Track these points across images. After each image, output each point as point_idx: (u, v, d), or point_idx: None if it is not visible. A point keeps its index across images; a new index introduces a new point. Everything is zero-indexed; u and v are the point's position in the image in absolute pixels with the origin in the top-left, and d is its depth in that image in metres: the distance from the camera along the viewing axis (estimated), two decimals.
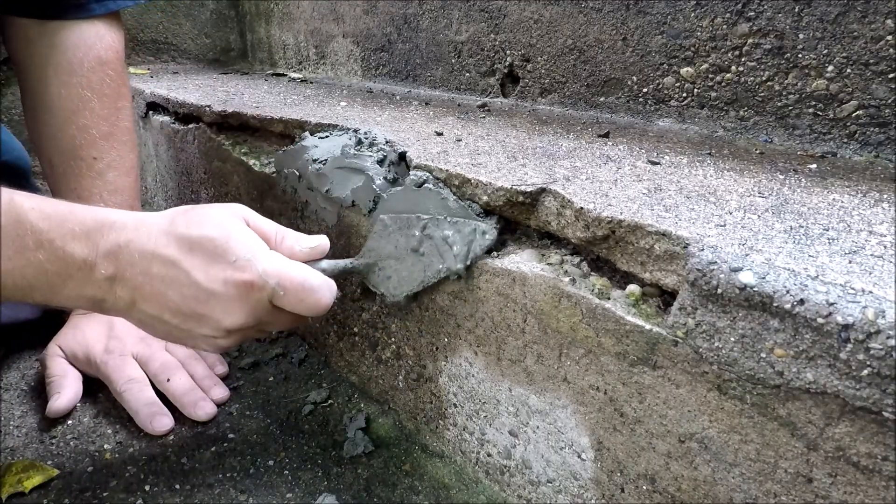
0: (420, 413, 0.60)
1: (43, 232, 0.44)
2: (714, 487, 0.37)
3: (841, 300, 0.30)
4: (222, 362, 0.71)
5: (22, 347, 0.74)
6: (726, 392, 0.35)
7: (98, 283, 0.46)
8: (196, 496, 0.54)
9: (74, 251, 0.45)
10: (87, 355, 0.64)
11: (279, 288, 0.47)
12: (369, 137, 0.61)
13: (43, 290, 0.46)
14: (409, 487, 0.55)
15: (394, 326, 0.60)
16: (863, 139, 0.58)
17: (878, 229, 0.39)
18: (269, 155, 0.76)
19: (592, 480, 0.45)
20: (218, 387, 0.66)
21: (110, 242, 0.46)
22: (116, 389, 0.63)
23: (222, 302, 0.46)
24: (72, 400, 0.63)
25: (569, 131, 0.69)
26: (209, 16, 1.56)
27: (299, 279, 0.47)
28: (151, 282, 0.46)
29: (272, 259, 0.48)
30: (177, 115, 0.97)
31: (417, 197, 0.52)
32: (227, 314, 0.47)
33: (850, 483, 0.31)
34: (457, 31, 0.95)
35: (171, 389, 0.63)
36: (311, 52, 1.34)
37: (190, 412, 0.62)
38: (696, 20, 0.66)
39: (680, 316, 0.36)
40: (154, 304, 0.47)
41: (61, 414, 0.62)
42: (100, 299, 0.47)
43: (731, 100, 0.66)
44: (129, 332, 0.66)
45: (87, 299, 0.47)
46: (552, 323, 0.44)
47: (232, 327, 0.48)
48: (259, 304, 0.47)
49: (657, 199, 0.44)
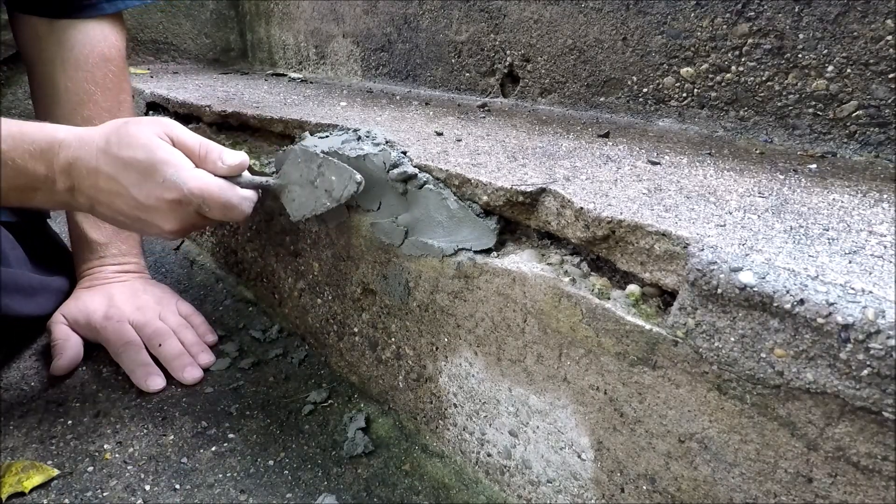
0: (420, 413, 0.60)
1: (5, 152, 0.52)
2: (714, 487, 0.37)
3: (841, 300, 0.30)
4: (212, 332, 0.77)
5: (22, 347, 0.74)
6: (726, 392, 0.35)
7: (60, 192, 0.55)
8: (196, 496, 0.54)
9: (36, 169, 0.54)
10: (87, 321, 0.71)
11: (204, 205, 0.55)
12: (369, 137, 0.61)
13: (18, 198, 0.55)
14: (409, 487, 0.55)
15: (394, 326, 0.60)
16: (863, 139, 0.58)
17: (878, 229, 0.39)
18: (269, 155, 0.76)
19: (592, 480, 0.45)
20: (205, 353, 0.73)
21: (62, 160, 0.54)
22: (114, 351, 0.69)
23: (159, 213, 0.55)
24: (72, 360, 0.69)
25: (569, 131, 0.69)
26: (209, 16, 1.56)
27: (222, 198, 0.55)
28: (101, 192, 0.55)
29: (196, 178, 0.54)
30: (177, 114, 0.97)
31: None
32: (165, 222, 0.56)
33: (850, 483, 0.31)
34: (457, 31, 0.95)
35: (162, 353, 0.69)
36: (311, 52, 1.34)
37: (179, 375, 0.69)
38: (696, 20, 0.66)
39: (680, 316, 0.36)
40: (107, 208, 0.56)
41: (63, 373, 0.68)
42: (66, 203, 0.57)
43: (731, 100, 0.66)
44: (126, 301, 0.73)
45: (56, 203, 0.57)
46: (552, 323, 0.44)
47: (171, 230, 0.57)
48: (189, 214, 0.56)
49: (657, 199, 0.44)
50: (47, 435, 0.60)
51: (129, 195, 0.54)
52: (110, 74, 0.77)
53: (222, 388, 0.68)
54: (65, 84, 0.75)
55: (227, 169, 0.57)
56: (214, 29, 1.58)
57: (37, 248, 0.77)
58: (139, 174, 0.54)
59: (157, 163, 0.54)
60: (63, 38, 0.75)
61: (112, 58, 0.78)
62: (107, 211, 0.57)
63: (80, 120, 0.75)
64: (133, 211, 0.55)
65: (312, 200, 0.59)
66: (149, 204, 0.54)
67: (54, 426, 0.61)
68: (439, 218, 0.52)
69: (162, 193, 0.54)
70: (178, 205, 0.55)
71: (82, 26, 0.76)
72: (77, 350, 0.70)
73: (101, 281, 0.75)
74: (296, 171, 0.61)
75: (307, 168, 0.60)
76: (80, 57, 0.75)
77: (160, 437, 0.60)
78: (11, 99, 1.33)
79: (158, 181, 0.54)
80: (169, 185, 0.54)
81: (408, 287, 0.57)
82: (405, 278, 0.57)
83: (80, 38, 0.76)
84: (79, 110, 0.75)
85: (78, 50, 0.75)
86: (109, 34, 0.78)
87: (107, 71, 0.77)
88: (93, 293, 0.73)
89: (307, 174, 0.60)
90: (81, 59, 0.75)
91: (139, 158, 0.53)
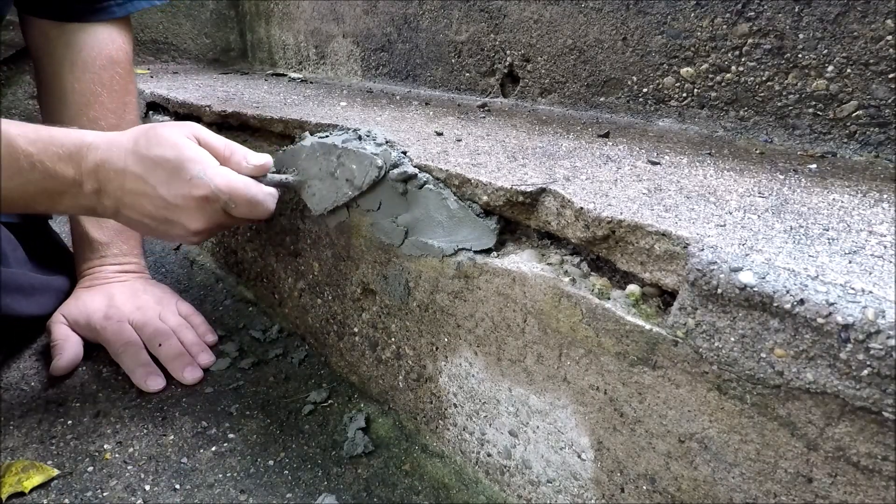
0: (420, 413, 0.60)
1: (33, 155, 0.52)
2: (714, 487, 0.37)
3: (841, 300, 0.30)
4: (212, 332, 0.76)
5: (22, 347, 0.74)
6: (726, 392, 0.35)
7: (87, 195, 0.55)
8: (196, 496, 0.54)
9: (65, 172, 0.54)
10: (87, 321, 0.71)
11: (231, 202, 0.56)
12: (370, 137, 0.61)
13: (44, 203, 0.56)
14: (409, 487, 0.55)
15: (394, 326, 0.60)
16: (863, 139, 0.58)
17: (878, 229, 0.39)
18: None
19: (592, 480, 0.45)
20: (205, 353, 0.72)
21: (90, 162, 0.54)
22: (114, 351, 0.69)
23: (186, 212, 0.55)
24: (72, 361, 0.69)
25: (569, 131, 0.69)
26: (209, 16, 1.56)
27: (248, 194, 0.56)
28: (128, 194, 0.55)
29: (222, 175, 0.55)
30: (177, 114, 0.97)
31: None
32: (192, 221, 0.56)
33: (850, 483, 0.31)
34: (457, 31, 0.95)
35: (162, 354, 0.69)
36: (311, 52, 1.34)
37: (179, 375, 0.68)
38: (696, 20, 0.66)
39: (680, 316, 0.36)
40: (133, 210, 0.56)
41: (62, 373, 0.68)
42: (91, 207, 0.57)
43: (731, 100, 0.66)
44: (126, 301, 0.72)
45: (81, 208, 0.57)
46: (552, 323, 0.44)
47: (197, 230, 0.57)
48: (216, 212, 0.56)
49: (657, 199, 0.44)
50: (47, 435, 0.60)
51: (156, 195, 0.55)
52: (117, 76, 0.78)
53: (222, 388, 0.68)
54: (72, 85, 0.75)
55: (253, 168, 0.58)
56: (214, 29, 1.58)
57: (38, 248, 0.77)
58: (167, 172, 0.54)
59: (186, 160, 0.54)
60: (71, 40, 0.76)
61: (119, 60, 0.79)
62: (133, 214, 0.57)
63: (86, 120, 0.75)
64: (160, 211, 0.55)
65: (334, 192, 0.60)
66: (176, 203, 0.55)
67: (54, 426, 0.61)
68: (439, 218, 0.52)
69: (190, 191, 0.54)
70: (205, 202, 0.55)
71: (91, 29, 0.77)
72: (76, 350, 0.70)
73: (102, 281, 0.75)
74: (314, 166, 0.61)
75: (326, 161, 0.59)
76: (87, 59, 0.76)
77: (160, 437, 0.60)
78: (11, 99, 1.33)
79: (186, 178, 0.54)
80: (196, 183, 0.54)
81: (408, 287, 0.57)
82: (405, 278, 0.57)
83: (88, 41, 0.76)
84: (85, 111, 0.75)
85: (86, 52, 0.76)
86: (117, 37, 0.79)
87: (113, 73, 0.78)
88: (93, 293, 0.73)
89: (326, 166, 0.60)
90: (89, 61, 0.76)
91: (168, 157, 0.54)
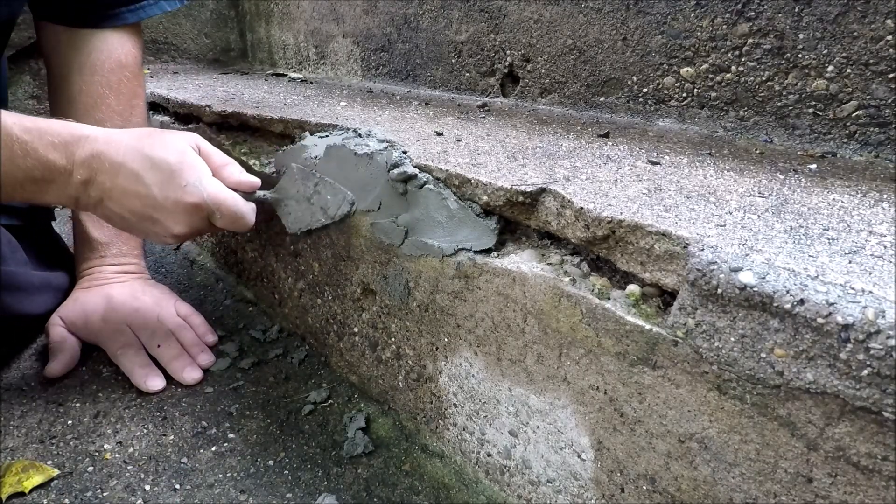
0: (420, 413, 0.60)
1: (28, 143, 0.53)
2: (714, 487, 0.37)
3: (841, 300, 0.30)
4: (212, 332, 0.77)
5: (22, 347, 0.74)
6: (726, 392, 0.35)
7: (75, 185, 0.56)
8: (196, 496, 0.54)
9: (56, 160, 0.55)
10: (85, 324, 0.71)
11: (217, 212, 0.58)
12: (370, 137, 0.61)
13: (31, 190, 0.56)
14: (409, 487, 0.55)
15: (394, 326, 0.60)
16: (863, 139, 0.58)
17: (878, 229, 0.39)
18: (269, 155, 0.76)
19: (592, 480, 0.45)
20: (205, 353, 0.73)
21: (85, 152, 0.55)
22: (113, 353, 0.70)
23: (172, 215, 0.57)
24: (67, 364, 0.69)
25: (569, 131, 0.69)
26: (209, 16, 1.56)
27: (234, 207, 0.59)
28: (117, 188, 0.56)
29: (214, 186, 0.58)
30: (177, 114, 0.97)
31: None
32: (175, 224, 0.58)
33: (850, 483, 0.31)
34: (457, 31, 0.95)
35: (161, 355, 0.70)
36: (311, 52, 1.34)
37: (178, 376, 0.69)
38: (696, 20, 0.66)
39: (680, 316, 0.36)
40: (118, 205, 0.57)
41: (57, 375, 0.68)
42: (76, 197, 0.57)
43: (731, 100, 0.66)
44: (124, 303, 0.72)
45: (67, 197, 0.57)
46: (552, 323, 0.44)
47: (178, 233, 0.59)
48: (200, 220, 0.59)
49: (657, 199, 0.44)
50: (47, 435, 0.60)
51: (148, 194, 0.56)
52: (125, 80, 0.79)
53: (222, 388, 0.68)
54: (80, 87, 0.76)
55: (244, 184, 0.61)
56: (214, 29, 1.58)
57: (40, 249, 0.77)
58: (165, 175, 0.56)
59: (186, 166, 0.57)
60: (81, 44, 0.77)
61: (127, 64, 0.80)
62: (116, 208, 0.57)
63: (93, 122, 0.75)
64: (146, 210, 0.57)
65: (308, 216, 0.63)
66: (166, 205, 0.56)
67: (54, 426, 0.61)
68: (439, 218, 0.52)
69: (182, 196, 0.56)
70: (194, 209, 0.57)
71: (102, 34, 0.78)
72: (73, 353, 0.70)
73: (101, 281, 0.75)
74: (293, 187, 0.63)
75: (304, 185, 0.62)
76: (96, 62, 0.77)
77: (160, 437, 0.61)
78: (11, 99, 1.33)
79: (181, 184, 0.56)
80: (190, 190, 0.56)
81: (408, 287, 0.57)
82: (405, 278, 0.57)
83: (97, 45, 0.78)
84: (91, 112, 0.76)
85: (95, 56, 0.77)
86: (127, 41, 0.80)
87: (122, 76, 0.78)
88: (91, 294, 0.73)
89: (304, 191, 0.62)
90: (98, 64, 0.77)
91: (170, 160, 0.56)
